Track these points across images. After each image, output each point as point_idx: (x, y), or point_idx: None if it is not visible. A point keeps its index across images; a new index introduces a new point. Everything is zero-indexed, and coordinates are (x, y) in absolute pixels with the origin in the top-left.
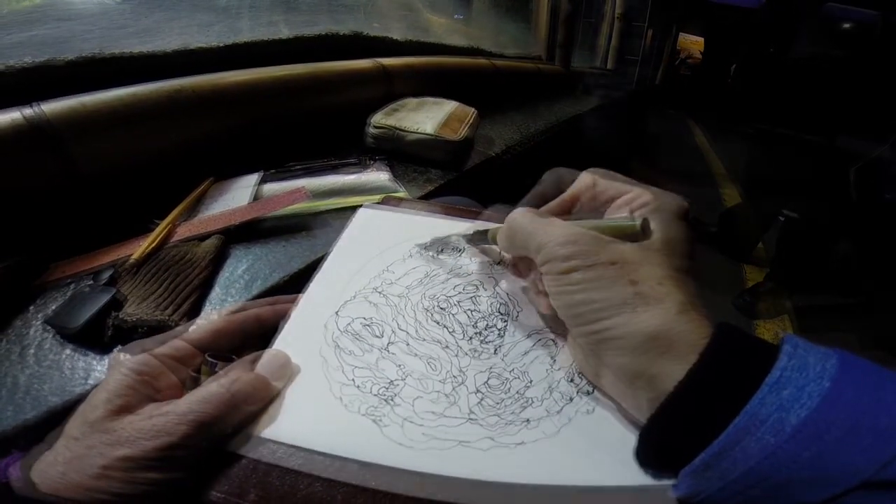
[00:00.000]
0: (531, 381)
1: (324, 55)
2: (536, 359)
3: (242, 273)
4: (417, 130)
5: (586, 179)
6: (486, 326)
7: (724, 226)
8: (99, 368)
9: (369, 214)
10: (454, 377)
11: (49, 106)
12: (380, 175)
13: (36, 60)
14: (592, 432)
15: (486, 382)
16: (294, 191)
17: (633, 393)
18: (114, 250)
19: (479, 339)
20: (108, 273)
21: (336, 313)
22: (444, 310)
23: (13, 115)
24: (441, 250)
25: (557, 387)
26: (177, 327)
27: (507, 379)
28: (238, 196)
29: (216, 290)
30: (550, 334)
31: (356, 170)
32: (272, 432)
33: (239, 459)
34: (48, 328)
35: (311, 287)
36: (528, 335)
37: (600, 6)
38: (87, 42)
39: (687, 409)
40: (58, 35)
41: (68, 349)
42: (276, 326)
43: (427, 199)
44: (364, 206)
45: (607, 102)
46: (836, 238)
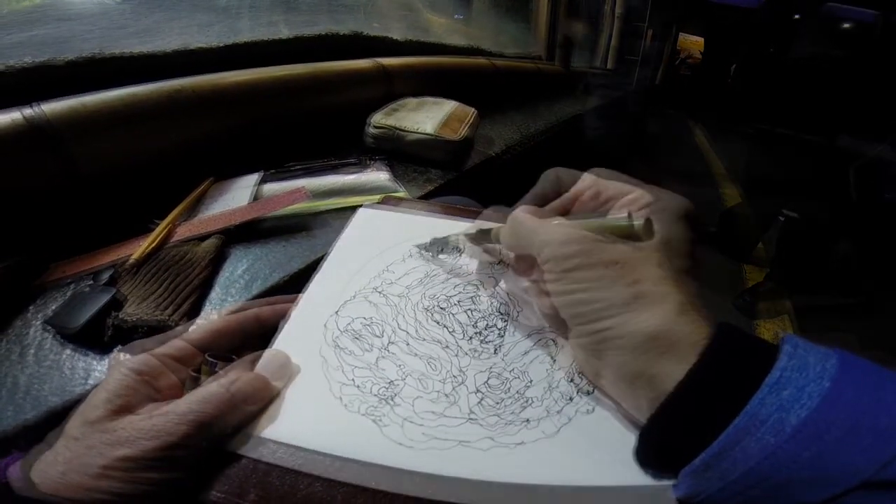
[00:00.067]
0: (531, 380)
1: (324, 55)
2: (536, 359)
3: (242, 273)
4: (417, 130)
5: (589, 179)
6: (486, 326)
7: (724, 226)
8: (99, 368)
9: (369, 214)
10: (454, 377)
11: (49, 106)
12: (379, 175)
13: (36, 60)
14: (592, 432)
15: (486, 382)
16: (294, 191)
17: (634, 393)
18: (114, 250)
19: (479, 339)
20: (108, 273)
21: (336, 313)
22: (444, 309)
23: (13, 115)
24: (441, 250)
25: (557, 387)
26: (177, 327)
27: (507, 379)
28: (238, 196)
29: (216, 291)
30: (550, 334)
31: (356, 170)
32: (272, 432)
33: (239, 459)
34: (48, 328)
35: (311, 287)
36: (528, 335)
37: (600, 6)
38: (87, 42)
39: (687, 409)
40: (58, 35)
41: (68, 349)
42: (276, 326)
43: (427, 198)
44: (364, 206)
45: (607, 102)
46: (836, 238)
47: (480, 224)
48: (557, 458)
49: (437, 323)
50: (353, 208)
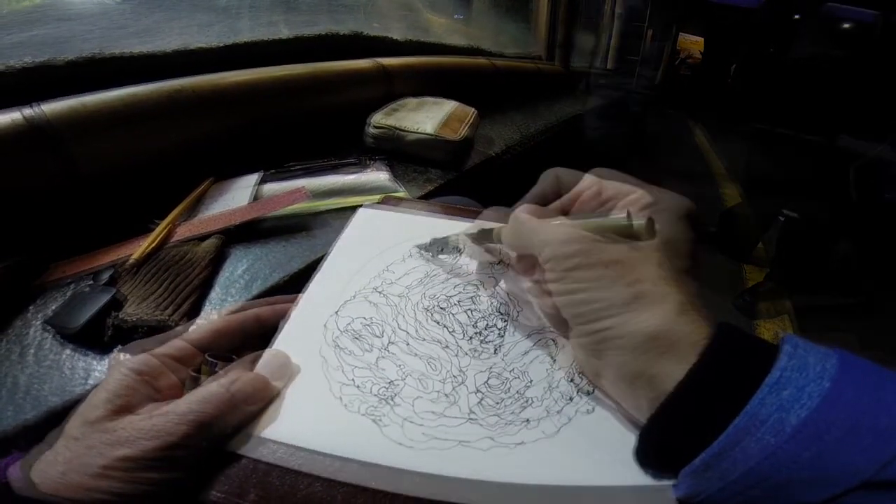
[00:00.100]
0: (531, 380)
1: (323, 55)
2: (536, 358)
3: (242, 273)
4: (417, 130)
5: (591, 179)
6: (487, 326)
7: (724, 226)
8: (99, 368)
9: (369, 214)
10: (454, 377)
11: (49, 106)
12: (379, 175)
13: (36, 60)
14: (592, 432)
15: (486, 382)
16: (294, 191)
17: (634, 393)
18: (114, 250)
19: (479, 339)
20: (108, 273)
21: (336, 313)
22: (444, 309)
23: (13, 115)
24: (441, 250)
25: (557, 387)
26: (177, 327)
27: (507, 379)
28: (238, 196)
29: (216, 291)
30: (550, 334)
31: (356, 170)
32: (272, 432)
33: (239, 459)
34: (48, 328)
35: (311, 287)
36: (528, 335)
37: (600, 6)
38: (87, 42)
39: (687, 409)
40: (58, 35)
41: (68, 349)
42: (276, 326)
43: (427, 198)
44: (364, 206)
45: (607, 102)
46: (836, 238)
47: (482, 224)
48: (557, 458)
49: (437, 323)
50: (353, 208)
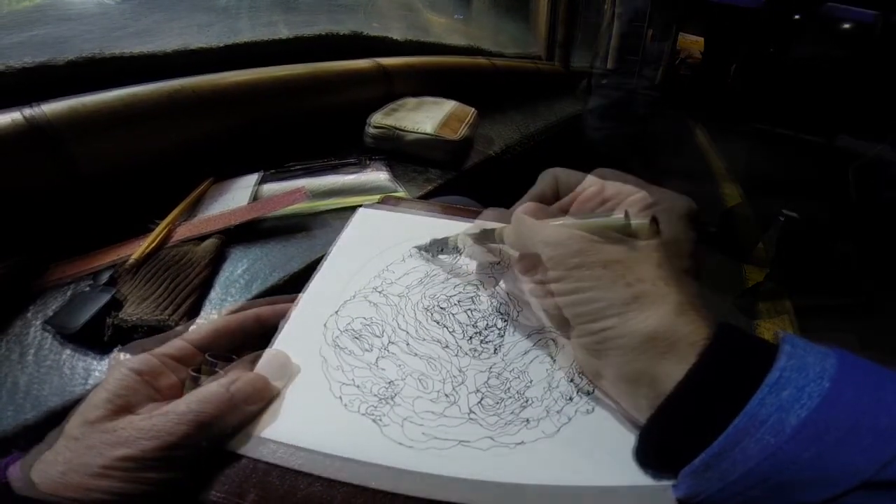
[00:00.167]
0: (531, 380)
1: (323, 55)
2: (536, 358)
3: (242, 273)
4: (417, 130)
5: (592, 179)
6: (486, 326)
7: (724, 226)
8: (99, 369)
9: (369, 214)
10: (454, 377)
11: (49, 106)
12: (379, 175)
13: (36, 60)
14: (592, 432)
15: (486, 382)
16: (294, 191)
17: (634, 393)
18: (114, 250)
19: (479, 339)
20: (107, 273)
21: (336, 313)
22: (444, 309)
23: (13, 115)
24: (441, 250)
25: (557, 386)
26: (177, 327)
27: (507, 378)
28: (238, 196)
29: (216, 291)
30: (550, 334)
31: (355, 170)
32: (272, 432)
33: (239, 459)
34: (48, 329)
35: (311, 287)
36: (528, 335)
37: (600, 6)
38: (87, 42)
39: (687, 409)
40: (58, 35)
41: (68, 350)
42: (276, 326)
43: (426, 198)
44: (363, 206)
45: (607, 102)
46: (836, 238)
47: (483, 224)
48: (557, 458)
49: (437, 323)
50: (353, 208)
